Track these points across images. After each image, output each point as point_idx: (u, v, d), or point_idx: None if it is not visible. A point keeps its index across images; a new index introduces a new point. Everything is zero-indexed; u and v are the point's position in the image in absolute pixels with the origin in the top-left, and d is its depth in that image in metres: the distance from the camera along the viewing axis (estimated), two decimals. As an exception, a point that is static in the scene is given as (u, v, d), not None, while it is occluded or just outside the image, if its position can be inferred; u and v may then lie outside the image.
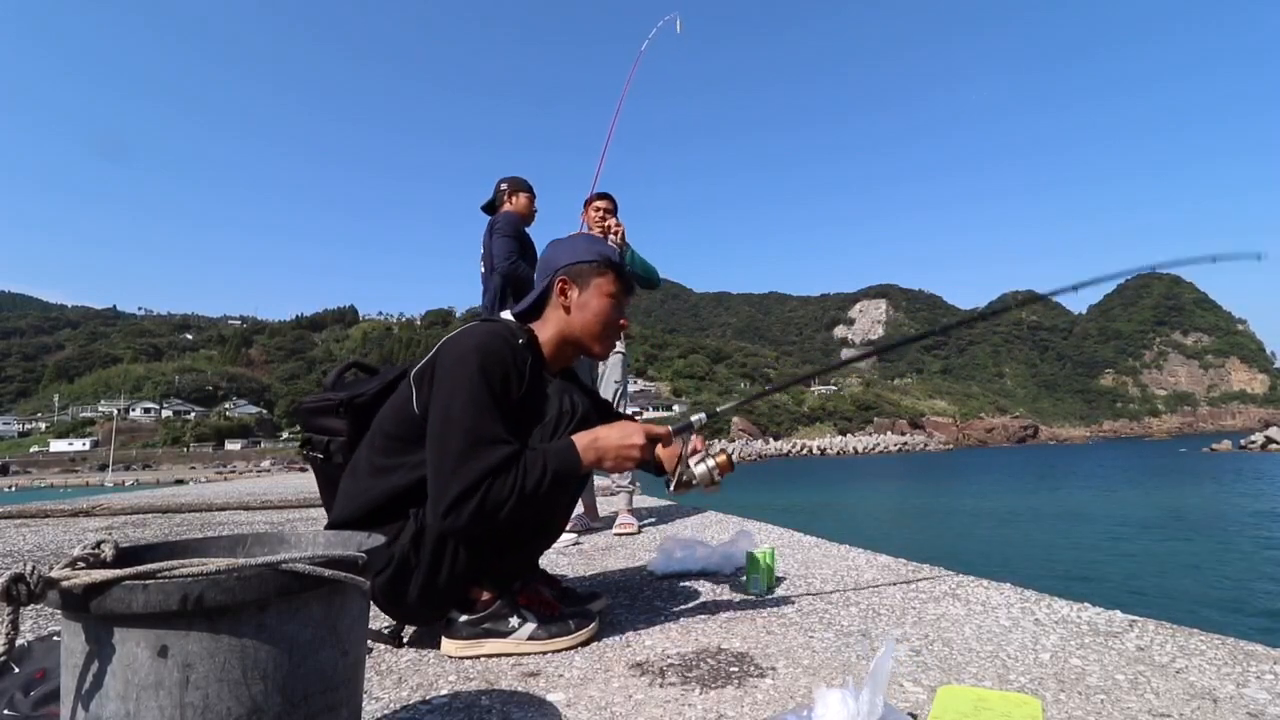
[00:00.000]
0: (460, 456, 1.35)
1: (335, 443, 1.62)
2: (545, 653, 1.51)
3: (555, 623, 1.54)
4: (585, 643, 1.57)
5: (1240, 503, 20.64)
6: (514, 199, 3.64)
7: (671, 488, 1.66)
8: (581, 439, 1.47)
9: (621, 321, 1.68)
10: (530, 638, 1.51)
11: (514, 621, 1.52)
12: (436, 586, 1.46)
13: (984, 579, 2.16)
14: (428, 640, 1.60)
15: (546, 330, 1.64)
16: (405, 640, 1.61)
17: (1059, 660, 1.41)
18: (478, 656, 1.49)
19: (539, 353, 1.61)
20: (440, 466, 1.37)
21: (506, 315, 1.67)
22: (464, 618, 1.52)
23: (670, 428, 1.61)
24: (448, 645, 1.51)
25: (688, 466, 1.65)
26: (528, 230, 3.67)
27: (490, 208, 3.69)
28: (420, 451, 1.44)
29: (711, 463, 1.65)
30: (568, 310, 1.63)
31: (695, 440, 1.70)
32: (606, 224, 3.48)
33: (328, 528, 1.50)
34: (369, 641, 1.42)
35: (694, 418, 1.70)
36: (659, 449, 1.65)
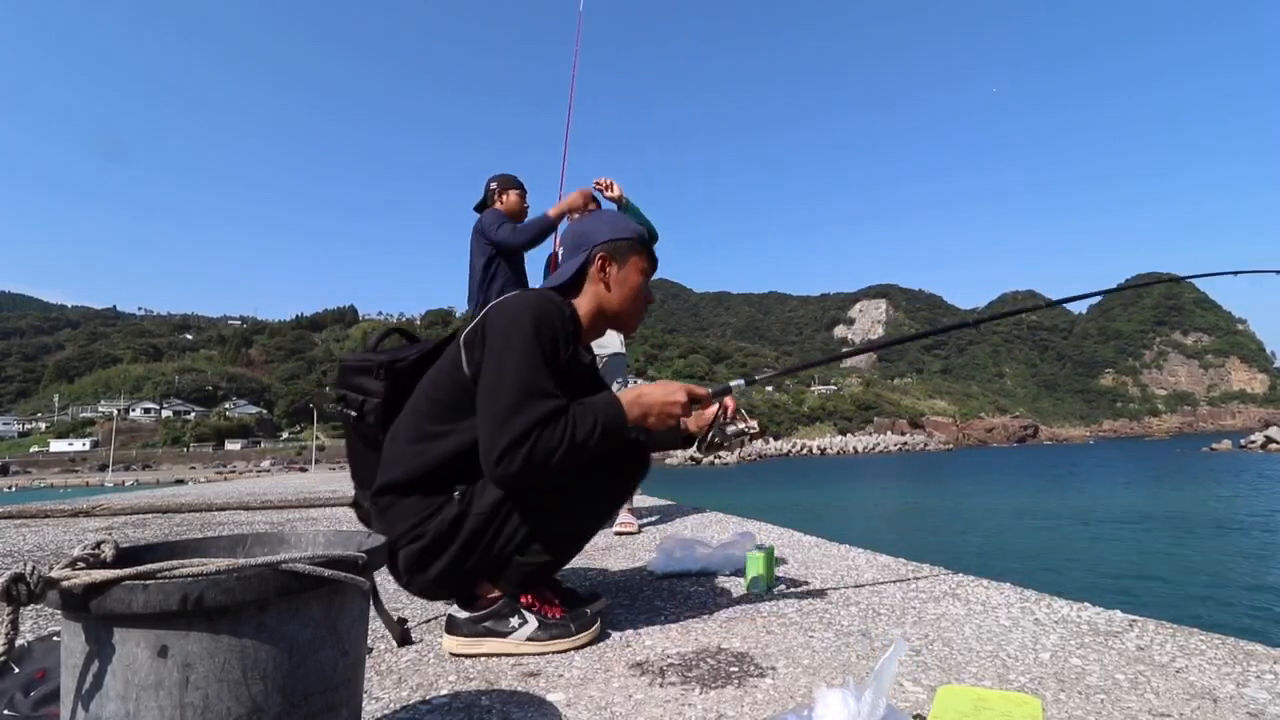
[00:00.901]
0: (512, 408, 1.37)
1: (369, 403, 1.63)
2: (543, 654, 1.51)
3: (555, 625, 1.54)
4: (583, 646, 1.56)
5: (1240, 502, 20.65)
6: (504, 197, 3.59)
7: (700, 448, 1.69)
8: (626, 395, 1.49)
9: (648, 298, 1.73)
10: (529, 639, 1.51)
11: (514, 622, 1.52)
12: (460, 570, 1.48)
13: (984, 579, 2.16)
14: (429, 640, 1.60)
15: (584, 304, 1.66)
16: (412, 637, 1.61)
17: (1059, 660, 1.41)
18: (477, 655, 1.49)
19: (579, 325, 1.63)
20: (492, 416, 1.39)
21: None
22: (465, 615, 1.52)
23: (710, 389, 1.64)
24: (449, 641, 1.52)
25: (721, 429, 1.67)
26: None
27: (482, 207, 3.64)
28: (470, 418, 1.46)
29: (742, 425, 1.67)
30: (607, 287, 1.66)
31: (729, 403, 1.72)
32: (601, 183, 3.33)
33: (374, 492, 1.52)
34: (379, 627, 1.42)
35: (733, 383, 1.73)
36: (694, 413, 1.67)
